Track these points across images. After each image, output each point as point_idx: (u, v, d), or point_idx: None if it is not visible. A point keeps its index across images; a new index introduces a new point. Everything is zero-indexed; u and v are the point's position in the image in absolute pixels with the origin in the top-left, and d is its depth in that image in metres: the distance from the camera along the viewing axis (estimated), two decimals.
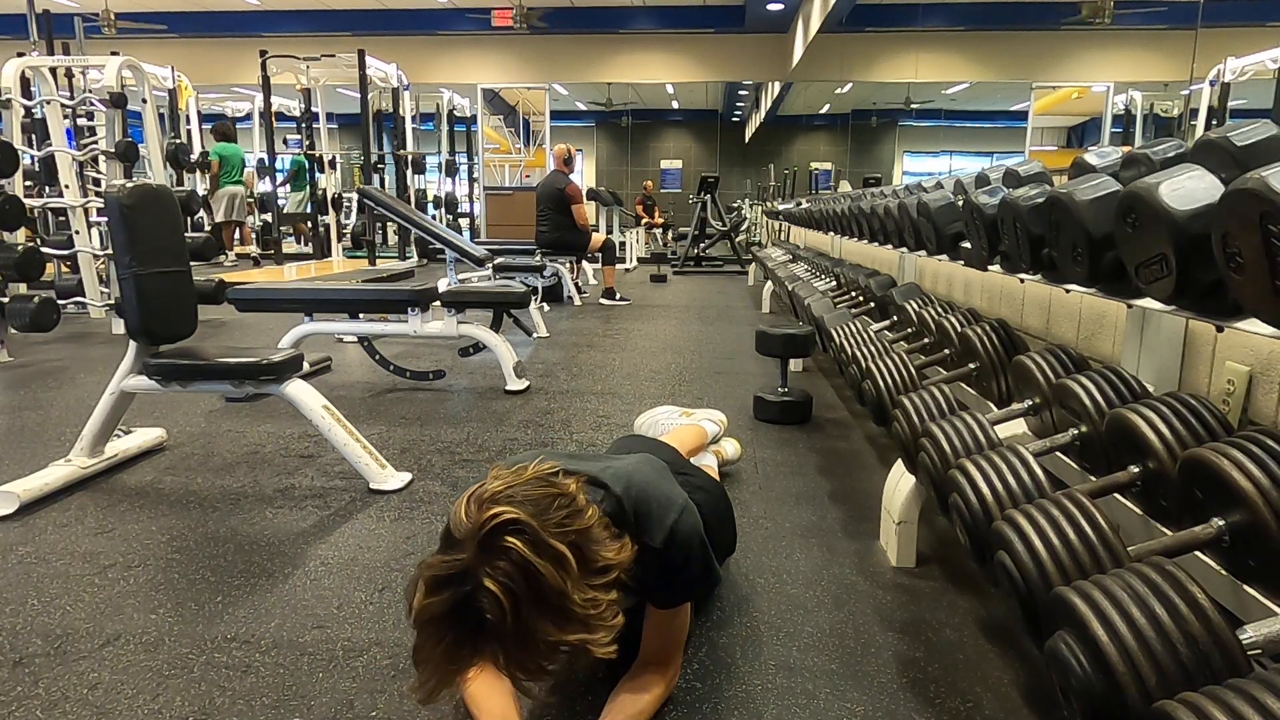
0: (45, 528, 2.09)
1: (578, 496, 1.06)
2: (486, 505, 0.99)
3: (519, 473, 1.06)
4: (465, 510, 1.00)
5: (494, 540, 0.96)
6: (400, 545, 2.00)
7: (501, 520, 0.97)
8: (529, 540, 0.97)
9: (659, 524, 1.21)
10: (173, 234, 2.47)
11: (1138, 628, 0.89)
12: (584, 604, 0.99)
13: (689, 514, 1.26)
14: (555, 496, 1.04)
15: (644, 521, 1.21)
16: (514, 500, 1.00)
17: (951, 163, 19.76)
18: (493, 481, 1.05)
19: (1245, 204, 0.84)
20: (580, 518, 1.04)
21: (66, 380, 3.81)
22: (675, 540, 1.22)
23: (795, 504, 2.30)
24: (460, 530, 0.99)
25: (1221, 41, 9.26)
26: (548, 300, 6.46)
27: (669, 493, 1.27)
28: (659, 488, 1.27)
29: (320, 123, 9.81)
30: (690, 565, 1.26)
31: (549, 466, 1.09)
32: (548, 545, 0.98)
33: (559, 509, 1.02)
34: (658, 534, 1.20)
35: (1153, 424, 1.23)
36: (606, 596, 1.03)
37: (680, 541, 1.23)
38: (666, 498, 1.25)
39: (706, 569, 1.30)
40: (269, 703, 1.36)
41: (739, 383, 3.79)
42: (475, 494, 1.03)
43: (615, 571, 1.06)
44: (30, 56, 5.81)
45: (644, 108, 18.91)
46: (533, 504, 1.01)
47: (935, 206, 2.14)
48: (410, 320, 3.70)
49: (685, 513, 1.25)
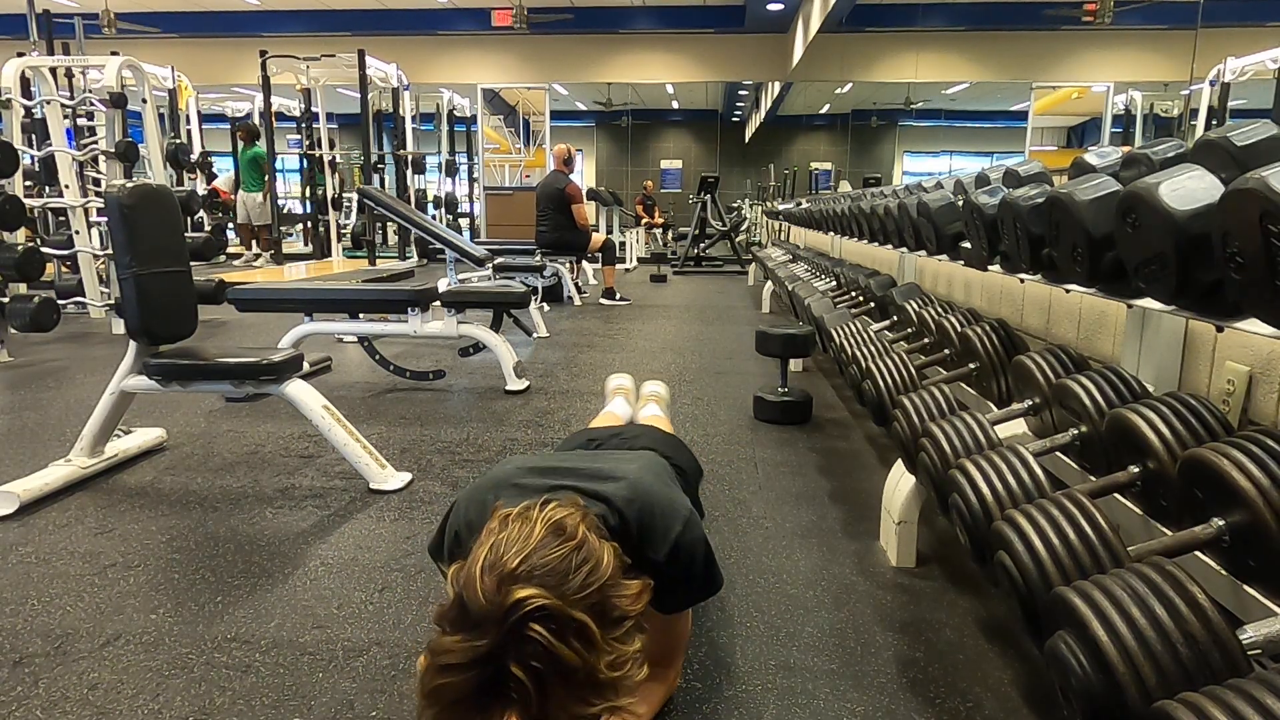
0: (45, 528, 2.09)
1: (591, 542, 1.01)
2: (507, 586, 0.93)
3: (528, 529, 1.00)
4: (482, 588, 0.93)
5: (520, 629, 0.91)
6: (400, 545, 2.00)
7: (527, 609, 0.91)
8: (555, 628, 0.92)
9: (663, 538, 1.19)
10: (172, 234, 2.47)
11: (1138, 628, 0.89)
12: (609, 667, 0.96)
13: (692, 525, 1.24)
14: (571, 554, 0.98)
15: (647, 535, 1.19)
16: (534, 576, 0.94)
17: (951, 163, 19.76)
18: (509, 543, 0.98)
19: (1245, 204, 0.84)
20: (599, 570, 0.99)
21: (66, 380, 3.81)
22: (679, 553, 1.20)
23: (795, 504, 2.30)
24: (479, 611, 0.93)
25: (1221, 42, 9.26)
26: (548, 300, 6.46)
27: (673, 502, 1.25)
28: (663, 498, 1.24)
29: (320, 123, 9.82)
30: (693, 575, 1.25)
31: (555, 511, 1.03)
32: (571, 621, 0.93)
33: (578, 570, 0.97)
34: (662, 548, 1.19)
35: (1153, 424, 1.23)
36: (630, 648, 0.99)
37: (684, 554, 1.21)
38: (671, 509, 1.23)
39: (709, 577, 1.28)
40: (269, 703, 1.36)
41: (739, 383, 3.79)
42: (492, 567, 0.96)
43: (631, 620, 1.02)
44: (30, 56, 5.81)
45: (644, 108, 18.91)
46: (553, 576, 0.95)
47: (935, 206, 2.14)
48: (410, 320, 3.70)
49: (689, 525, 1.23)
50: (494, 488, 1.23)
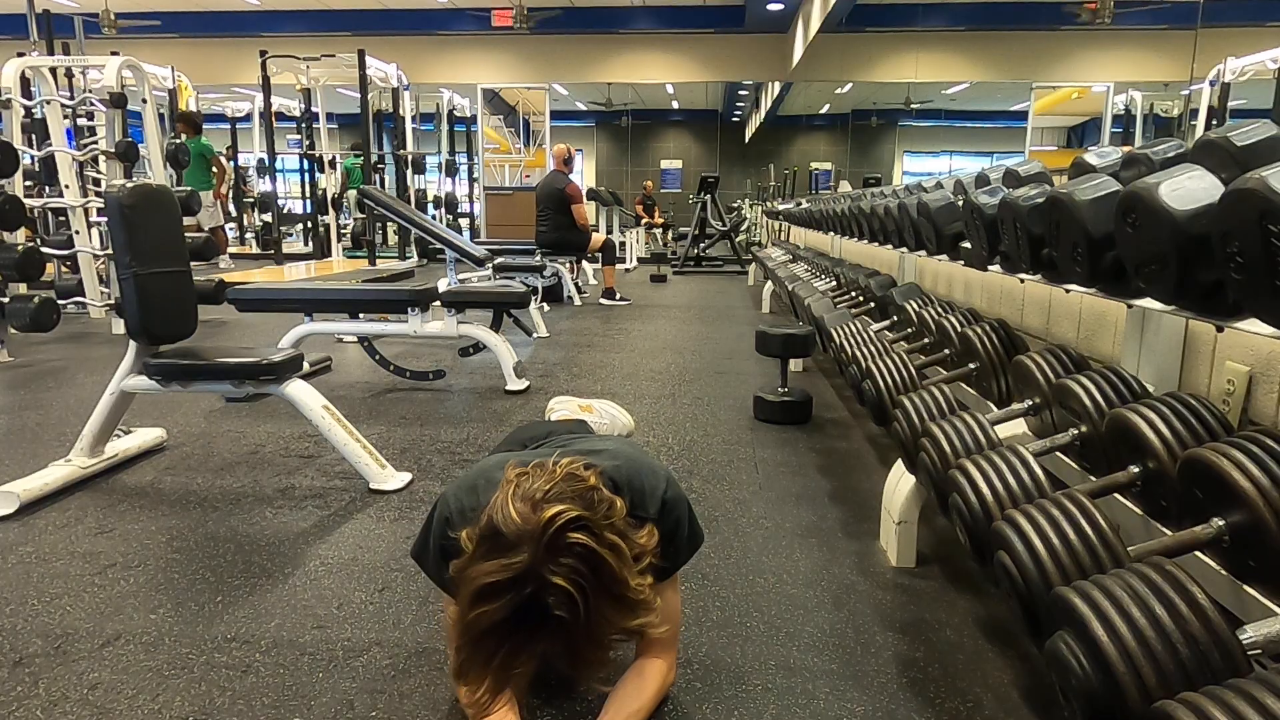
0: (45, 528, 2.09)
1: (604, 490, 1.08)
2: (542, 505, 0.98)
3: (551, 472, 1.06)
4: (516, 511, 0.98)
5: (559, 539, 0.96)
6: (400, 545, 2.00)
7: (566, 518, 0.97)
8: (593, 535, 0.98)
9: (652, 496, 1.25)
10: (172, 234, 2.47)
11: (1138, 628, 0.89)
12: (637, 589, 1.02)
13: (673, 483, 1.30)
14: (592, 492, 1.05)
15: (638, 496, 1.23)
16: (564, 498, 1.00)
17: (951, 163, 19.78)
18: (533, 481, 1.04)
19: (1245, 204, 0.84)
20: (616, 507, 1.06)
21: (66, 380, 3.81)
22: (667, 509, 1.26)
23: (795, 504, 2.30)
24: (514, 532, 0.97)
25: (1221, 42, 9.26)
26: (548, 300, 6.46)
27: (653, 465, 1.32)
28: (645, 462, 1.31)
29: (320, 123, 9.81)
30: (681, 528, 1.30)
31: (570, 463, 1.09)
32: (606, 538, 1.00)
33: (600, 503, 1.04)
34: (652, 506, 1.24)
35: (1153, 424, 1.23)
36: (648, 581, 1.07)
37: (671, 509, 1.27)
38: (652, 470, 1.29)
39: (694, 531, 1.34)
40: (269, 703, 1.36)
41: (739, 383, 3.79)
42: (521, 494, 1.01)
43: (648, 558, 1.09)
44: (30, 56, 5.81)
45: (644, 108, 18.91)
46: (581, 500, 1.02)
47: (935, 207, 2.14)
48: (410, 320, 3.70)
49: (670, 483, 1.29)
50: (481, 474, 1.27)
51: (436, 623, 1.62)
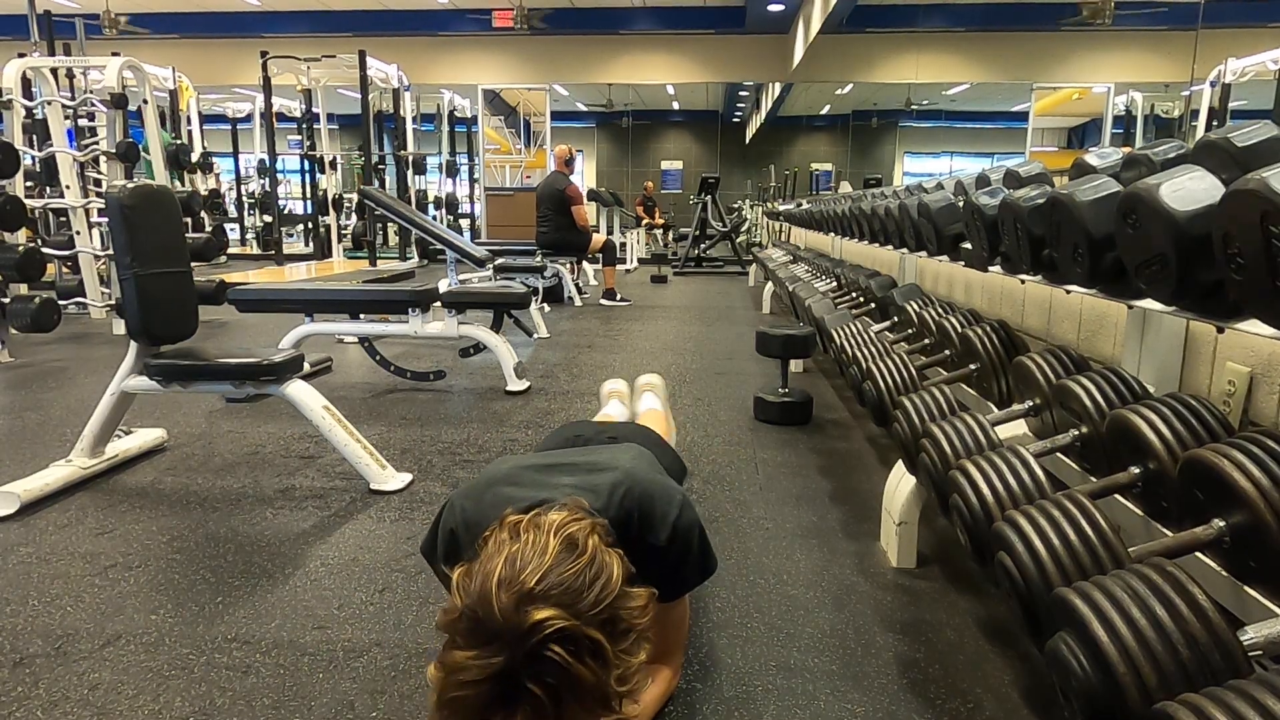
0: (46, 528, 2.09)
1: (601, 555, 1.01)
2: (525, 606, 0.93)
3: (541, 542, 1.00)
4: (499, 606, 0.93)
5: (539, 649, 0.92)
6: (401, 546, 2.00)
7: (546, 631, 0.92)
8: (572, 649, 0.93)
9: (662, 522, 1.22)
10: (173, 234, 2.47)
11: (1138, 629, 0.89)
12: (618, 681, 0.97)
13: (687, 508, 1.27)
14: (585, 570, 0.98)
15: (647, 521, 1.21)
16: (551, 595, 0.94)
17: (952, 163, 19.77)
18: (523, 558, 0.98)
19: (1246, 204, 0.84)
20: (610, 585, 0.99)
21: (67, 381, 3.81)
22: (678, 536, 1.23)
23: (796, 505, 2.30)
24: (494, 627, 0.93)
25: (1222, 42, 9.26)
26: (548, 301, 6.46)
27: (667, 488, 1.28)
28: (658, 484, 1.28)
29: (321, 123, 9.82)
30: (691, 557, 1.27)
31: (567, 523, 1.03)
32: (587, 640, 0.94)
33: (591, 586, 0.98)
34: (662, 532, 1.21)
35: (1153, 425, 1.23)
36: (637, 659, 1.01)
37: (682, 536, 1.24)
38: (666, 494, 1.26)
39: (705, 558, 1.31)
40: (269, 703, 1.36)
41: (739, 383, 3.79)
42: (509, 584, 0.95)
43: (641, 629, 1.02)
44: (31, 57, 5.81)
45: (644, 108, 18.91)
46: (569, 594, 0.96)
47: (936, 207, 2.14)
48: (411, 321, 3.70)
49: (684, 508, 1.26)
50: (490, 485, 1.25)
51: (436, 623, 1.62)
